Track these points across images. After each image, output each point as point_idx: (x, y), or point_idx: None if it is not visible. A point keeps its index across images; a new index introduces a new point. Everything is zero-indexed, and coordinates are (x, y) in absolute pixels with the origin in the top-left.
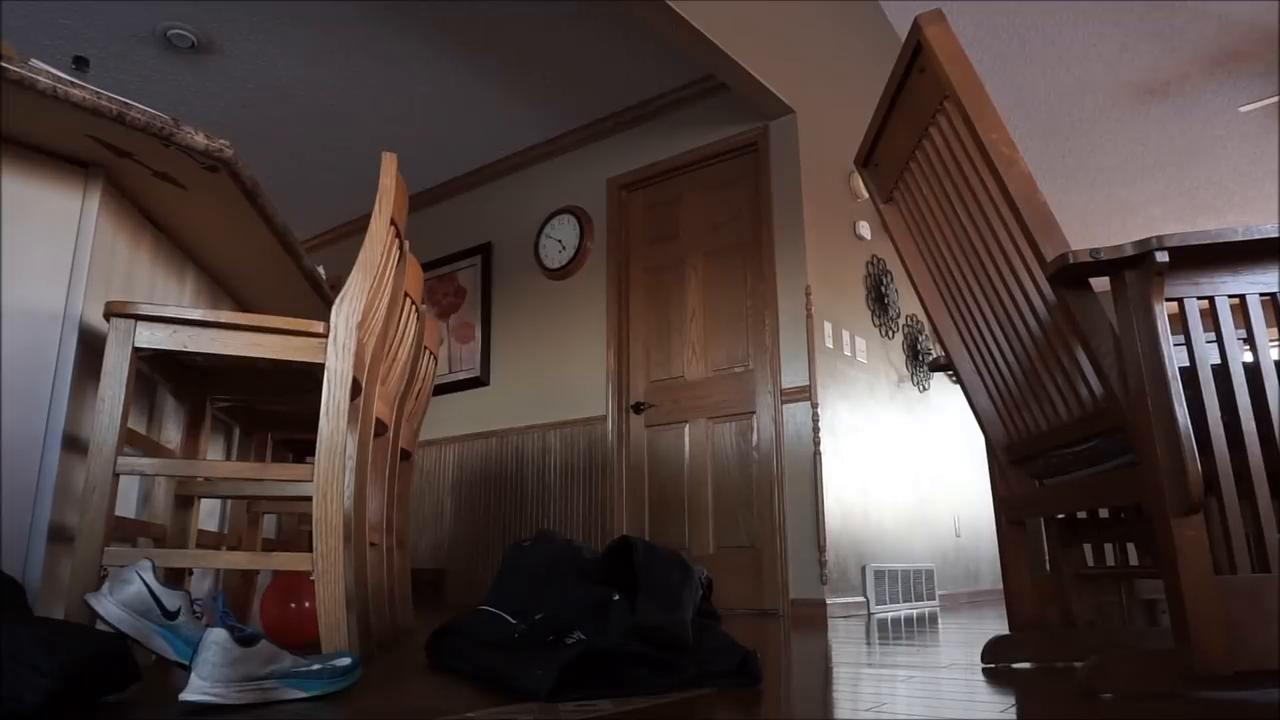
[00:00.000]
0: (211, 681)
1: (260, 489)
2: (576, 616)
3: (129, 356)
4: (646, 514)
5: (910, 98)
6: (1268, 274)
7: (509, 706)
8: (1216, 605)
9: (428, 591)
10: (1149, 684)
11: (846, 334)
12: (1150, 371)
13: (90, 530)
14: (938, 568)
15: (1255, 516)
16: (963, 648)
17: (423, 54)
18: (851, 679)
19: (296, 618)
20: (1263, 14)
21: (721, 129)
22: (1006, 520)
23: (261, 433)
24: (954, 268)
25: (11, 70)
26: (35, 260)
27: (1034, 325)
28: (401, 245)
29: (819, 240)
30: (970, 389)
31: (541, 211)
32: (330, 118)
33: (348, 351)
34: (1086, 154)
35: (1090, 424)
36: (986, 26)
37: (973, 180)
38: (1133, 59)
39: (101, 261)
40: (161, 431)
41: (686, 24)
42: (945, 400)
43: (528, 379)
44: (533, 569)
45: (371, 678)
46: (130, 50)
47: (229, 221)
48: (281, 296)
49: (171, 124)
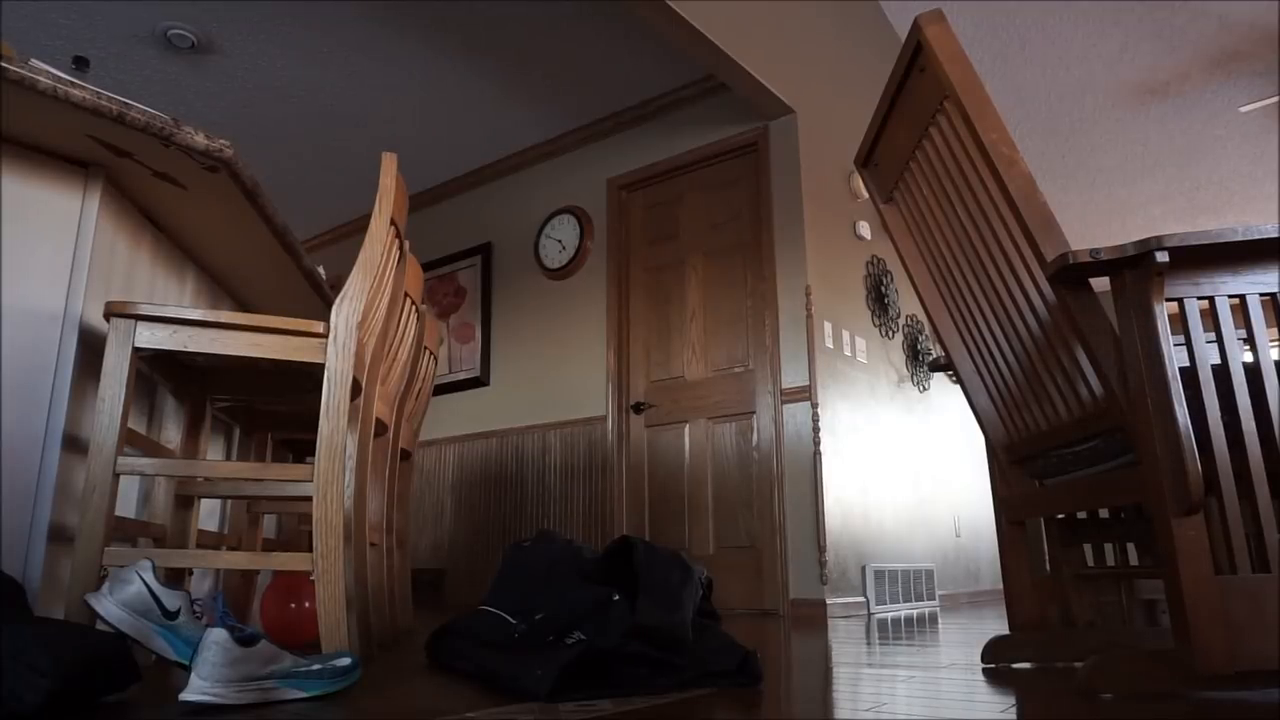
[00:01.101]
0: (211, 681)
1: (260, 489)
2: (576, 616)
3: (129, 356)
4: (646, 514)
5: (910, 98)
6: (1268, 274)
7: (509, 707)
8: (1216, 605)
9: (428, 591)
10: (1149, 684)
11: (846, 334)
12: (1150, 371)
13: (90, 530)
14: (938, 568)
15: (1255, 516)
16: (963, 648)
17: (423, 54)
18: (851, 679)
19: (296, 618)
20: (1263, 14)
21: (721, 129)
22: (1006, 520)
23: (261, 433)
24: (954, 268)
25: (11, 70)
26: (35, 260)
27: (1034, 325)
28: (401, 245)
29: (819, 240)
30: (970, 389)
31: (541, 211)
32: (330, 118)
33: (348, 351)
34: (1086, 154)
35: (1090, 424)
36: (986, 26)
37: (973, 180)
38: (1133, 59)
39: (101, 261)
40: (161, 431)
41: (686, 24)
42: (945, 400)
43: (528, 379)
44: (533, 569)
45: (371, 678)
46: (130, 50)
47: (229, 221)
48: (281, 296)
49: (171, 124)
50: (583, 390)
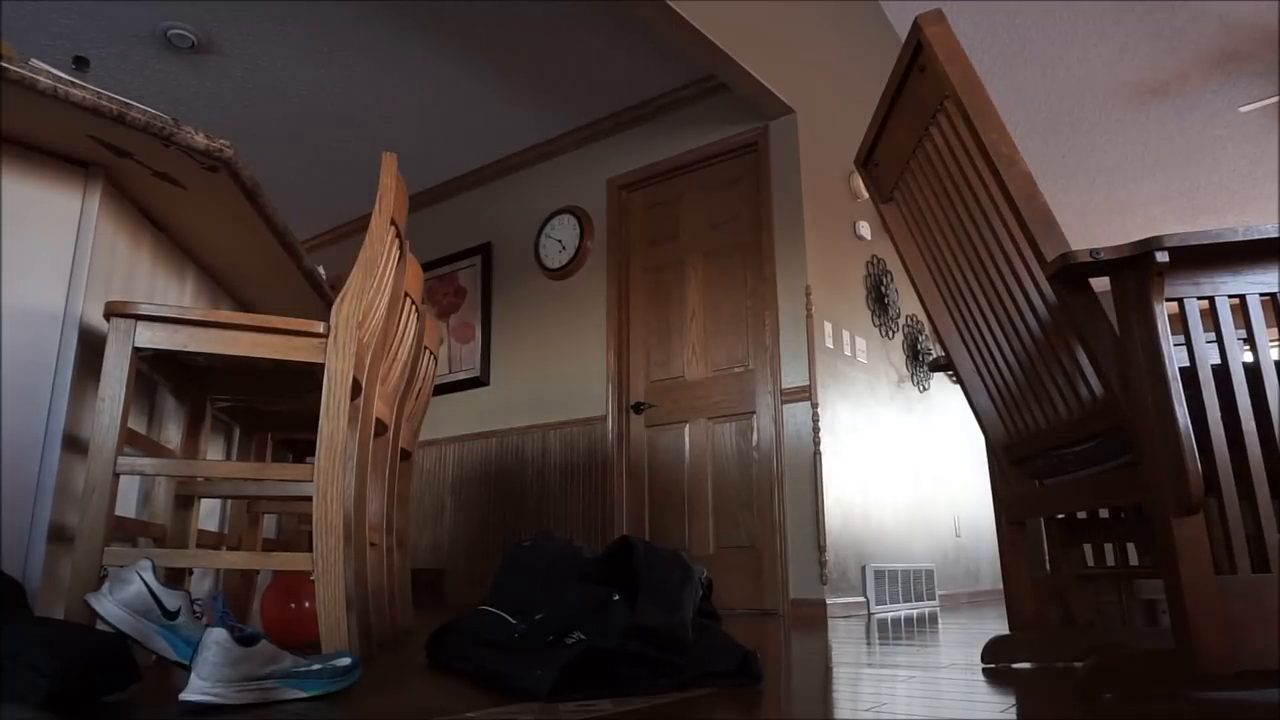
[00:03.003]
0: (211, 681)
1: (260, 489)
2: (577, 616)
3: (129, 356)
4: (646, 514)
5: (910, 98)
6: (1268, 274)
7: (509, 707)
8: (1216, 605)
9: (427, 591)
10: (1149, 684)
11: (846, 334)
12: (1150, 371)
13: (90, 530)
14: (938, 568)
15: (1255, 516)
16: (963, 648)
17: (423, 54)
18: (851, 679)
19: (296, 618)
20: (1263, 14)
21: (721, 129)
22: (1006, 520)
23: (261, 433)
24: (954, 268)
25: (11, 70)
26: (35, 260)
27: (1034, 325)
28: (401, 245)
29: (819, 240)
30: (970, 389)
31: (541, 211)
32: (330, 118)
33: (348, 351)
34: (1086, 154)
35: (1090, 424)
36: (986, 26)
37: (973, 180)
38: (1133, 59)
39: (101, 261)
40: (161, 431)
41: (686, 24)
42: (945, 400)
43: (528, 379)
44: (533, 569)
45: (371, 678)
46: (130, 50)
47: (229, 221)
48: (281, 296)
49: (171, 124)
50: (583, 390)
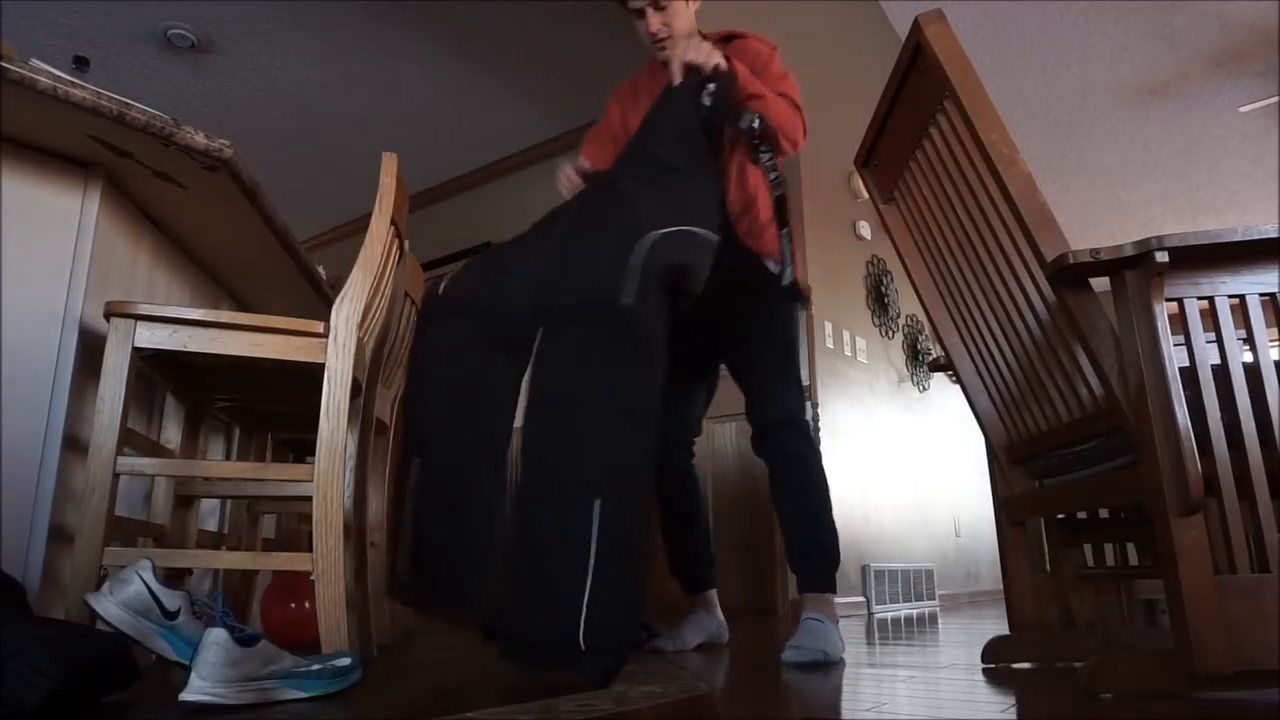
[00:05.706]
0: (211, 681)
1: (260, 489)
2: None
3: (129, 356)
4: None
5: (910, 98)
6: (1268, 274)
7: (509, 706)
8: (1216, 605)
9: None
10: (1149, 684)
11: (846, 334)
12: (1150, 371)
13: (90, 530)
14: (938, 568)
15: (1255, 516)
16: (963, 648)
17: (423, 54)
18: (851, 679)
19: (296, 618)
20: (1263, 14)
21: None
22: (1006, 520)
23: (261, 433)
24: (954, 268)
25: (11, 70)
26: (35, 260)
27: (1034, 325)
28: (401, 245)
29: (819, 240)
30: (970, 389)
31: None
32: (330, 118)
33: (348, 351)
34: (1086, 154)
35: (1090, 424)
36: (987, 27)
37: (973, 180)
38: (1133, 59)
39: (101, 261)
40: (161, 431)
41: None
42: (945, 400)
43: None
44: None
45: (371, 678)
46: (130, 50)
47: (229, 221)
48: (282, 297)
49: (171, 124)
50: None
